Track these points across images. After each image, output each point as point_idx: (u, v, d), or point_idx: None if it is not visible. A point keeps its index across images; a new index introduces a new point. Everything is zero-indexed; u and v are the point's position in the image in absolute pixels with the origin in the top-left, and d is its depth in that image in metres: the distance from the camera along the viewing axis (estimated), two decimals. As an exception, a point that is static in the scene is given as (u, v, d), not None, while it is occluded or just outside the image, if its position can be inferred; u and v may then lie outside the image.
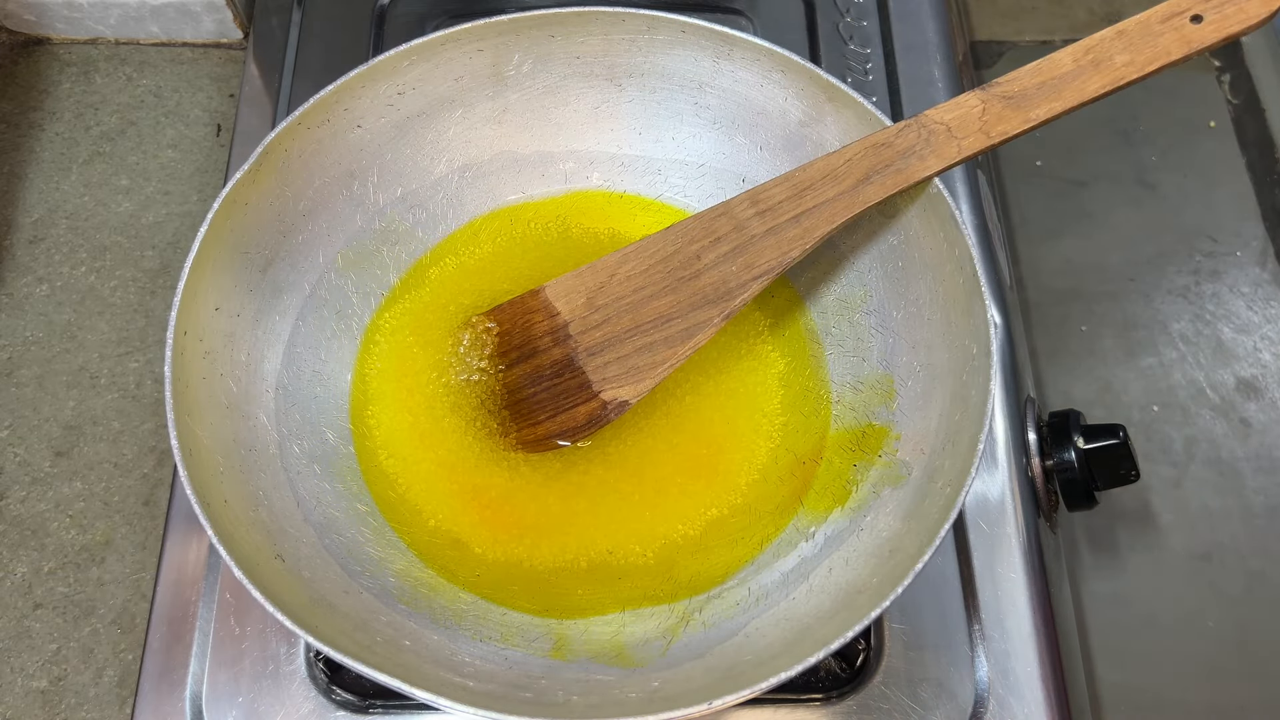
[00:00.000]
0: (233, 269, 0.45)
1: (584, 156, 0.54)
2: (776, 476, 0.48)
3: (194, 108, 0.77)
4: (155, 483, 0.65)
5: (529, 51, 0.50)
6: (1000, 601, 0.50)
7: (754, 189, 0.44)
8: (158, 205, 0.73)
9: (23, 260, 0.71)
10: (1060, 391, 0.69)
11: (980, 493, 0.53)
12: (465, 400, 0.49)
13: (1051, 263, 0.73)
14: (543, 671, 0.42)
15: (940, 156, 0.42)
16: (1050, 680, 0.49)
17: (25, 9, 0.76)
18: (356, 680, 0.49)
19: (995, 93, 0.41)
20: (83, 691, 0.60)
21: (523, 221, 0.54)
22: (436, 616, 0.43)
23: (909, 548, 0.39)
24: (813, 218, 0.43)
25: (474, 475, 0.47)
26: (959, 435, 0.41)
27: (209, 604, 0.50)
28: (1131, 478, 0.53)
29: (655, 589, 0.45)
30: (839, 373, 0.50)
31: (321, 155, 0.48)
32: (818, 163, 0.43)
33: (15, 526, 0.64)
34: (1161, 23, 0.39)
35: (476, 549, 0.46)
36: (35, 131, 0.76)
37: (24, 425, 0.66)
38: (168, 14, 0.77)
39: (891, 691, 0.48)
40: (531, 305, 0.49)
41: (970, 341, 0.43)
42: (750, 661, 0.40)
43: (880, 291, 0.49)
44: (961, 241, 0.43)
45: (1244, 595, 0.63)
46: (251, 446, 0.44)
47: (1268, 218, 0.75)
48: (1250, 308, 0.71)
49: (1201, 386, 0.69)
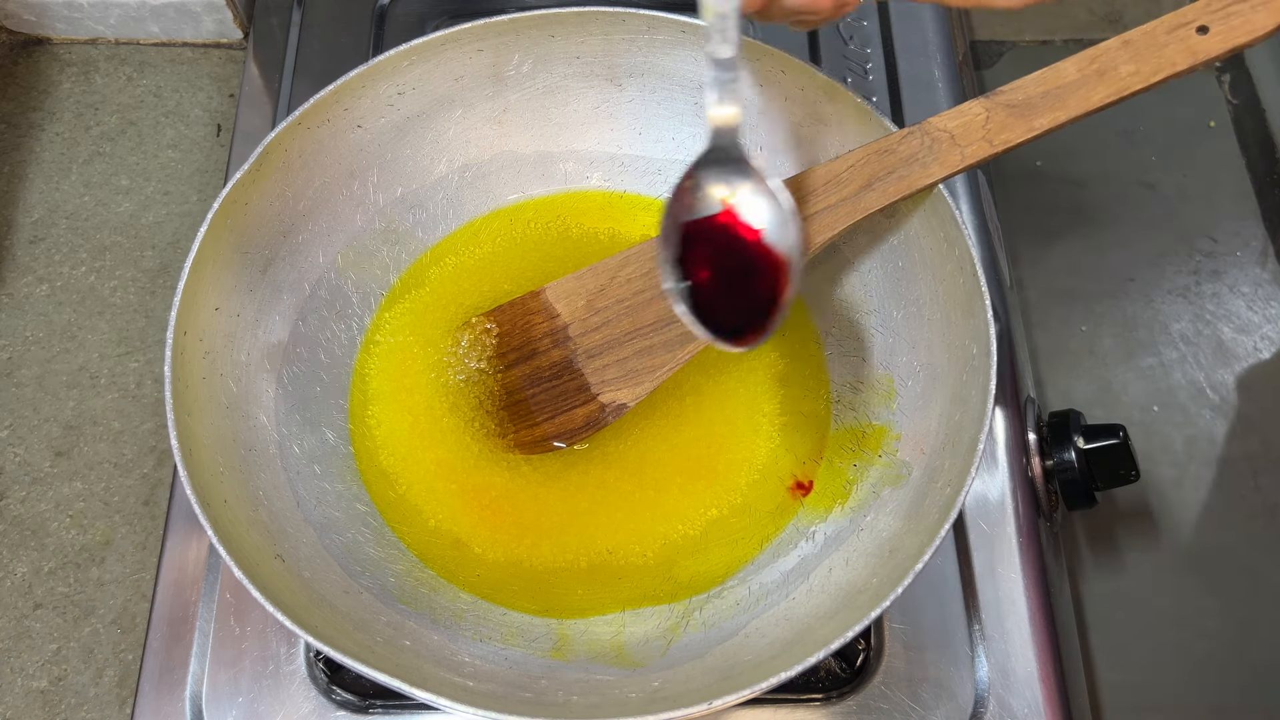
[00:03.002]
0: (233, 269, 0.45)
1: (584, 156, 0.54)
2: (776, 476, 0.48)
3: (194, 108, 0.77)
4: (155, 483, 0.65)
5: (529, 51, 0.50)
6: (1000, 601, 0.50)
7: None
8: (158, 205, 0.73)
9: (23, 260, 0.71)
10: (1060, 391, 0.69)
11: (980, 493, 0.53)
12: (465, 400, 0.49)
13: (1051, 263, 0.73)
14: (543, 671, 0.42)
15: (943, 164, 0.41)
16: (1050, 680, 0.49)
17: (25, 9, 0.76)
18: (356, 680, 0.49)
19: (999, 101, 0.41)
20: (83, 691, 0.60)
21: (522, 221, 0.54)
22: (436, 616, 0.43)
23: (909, 548, 0.39)
24: (814, 224, 0.43)
25: (474, 475, 0.47)
26: (959, 435, 0.41)
27: (209, 604, 0.50)
28: (1131, 478, 0.53)
29: (655, 589, 0.45)
30: (839, 373, 0.50)
31: (321, 155, 0.48)
32: (820, 168, 0.43)
33: (15, 526, 0.64)
34: (1167, 33, 0.39)
35: (476, 549, 0.46)
36: (35, 131, 0.76)
37: (24, 425, 0.66)
38: (168, 14, 0.77)
39: (891, 691, 0.48)
40: (531, 307, 0.49)
41: (970, 341, 0.43)
42: (750, 661, 0.40)
43: (880, 291, 0.49)
44: (961, 241, 0.43)
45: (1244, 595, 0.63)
46: (251, 446, 0.44)
47: (1268, 218, 0.75)
48: (1250, 308, 0.71)
49: (1201, 386, 0.69)
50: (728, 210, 0.39)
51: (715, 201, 0.39)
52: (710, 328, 0.39)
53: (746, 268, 0.39)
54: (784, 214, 0.38)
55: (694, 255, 0.39)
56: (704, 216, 0.39)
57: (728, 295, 0.39)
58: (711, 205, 0.39)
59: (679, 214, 0.39)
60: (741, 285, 0.39)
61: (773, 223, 0.38)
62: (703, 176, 0.39)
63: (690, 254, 0.39)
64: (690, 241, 0.39)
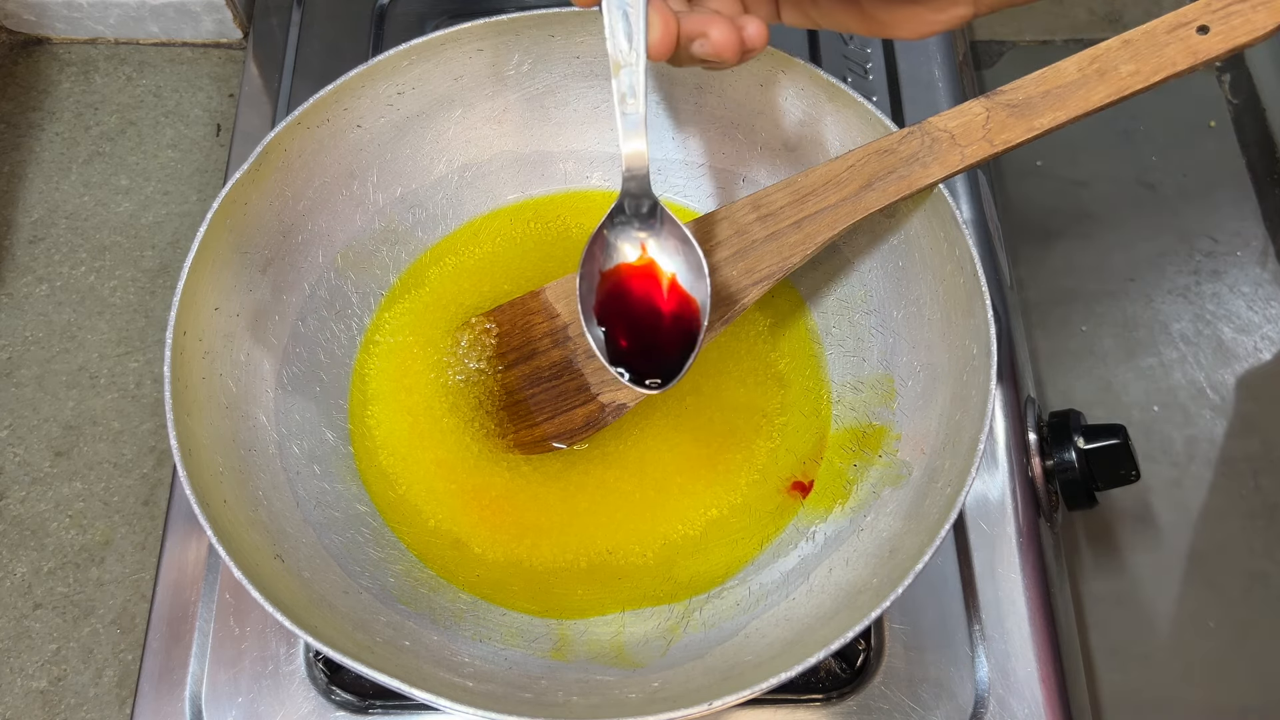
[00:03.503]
0: (232, 269, 0.45)
1: (584, 156, 0.54)
2: (776, 476, 0.48)
3: (194, 108, 0.77)
4: (155, 483, 0.65)
5: (529, 51, 0.50)
6: (1000, 601, 0.50)
7: (756, 194, 0.44)
8: (157, 205, 0.73)
9: (23, 260, 0.71)
10: (1060, 391, 0.69)
11: (980, 493, 0.53)
12: (464, 401, 0.49)
13: (1051, 263, 0.73)
14: (543, 672, 0.42)
15: (943, 164, 0.41)
16: (1050, 680, 0.49)
17: (25, 9, 0.76)
18: (356, 680, 0.49)
19: (999, 101, 0.41)
20: (82, 692, 0.60)
21: (522, 221, 0.54)
22: (436, 616, 0.43)
23: (909, 548, 0.39)
24: (814, 223, 0.43)
25: (474, 475, 0.47)
26: (959, 435, 0.41)
27: (209, 604, 0.50)
28: (1132, 478, 0.53)
29: (655, 589, 0.45)
30: (839, 373, 0.50)
31: (321, 155, 0.48)
32: (820, 168, 0.43)
33: (15, 526, 0.64)
34: (1167, 33, 0.39)
35: (476, 549, 0.46)
36: (35, 131, 0.76)
37: (24, 425, 0.66)
38: (167, 14, 0.76)
39: (891, 691, 0.48)
40: (531, 306, 0.49)
41: (970, 341, 0.42)
42: (750, 662, 0.40)
43: (880, 291, 0.48)
44: (962, 241, 0.42)
45: (1244, 595, 0.63)
46: (251, 446, 0.44)
47: (1268, 218, 0.75)
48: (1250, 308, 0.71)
49: (1202, 386, 0.69)
50: (644, 256, 0.42)
51: (632, 249, 0.42)
52: (632, 370, 0.42)
53: (660, 314, 0.42)
54: (696, 259, 0.41)
55: (612, 303, 0.42)
56: (621, 263, 0.42)
57: (644, 340, 0.42)
58: (628, 253, 0.42)
59: (598, 262, 0.42)
60: (656, 331, 0.42)
61: (683, 268, 0.41)
62: (620, 223, 0.41)
63: (608, 301, 0.42)
64: (608, 288, 0.42)
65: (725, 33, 0.36)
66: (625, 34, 0.36)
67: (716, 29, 0.36)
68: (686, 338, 0.41)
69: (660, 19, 0.35)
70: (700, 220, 0.45)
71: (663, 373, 0.41)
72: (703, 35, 0.36)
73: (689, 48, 0.37)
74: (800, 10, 0.41)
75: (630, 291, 0.42)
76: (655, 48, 0.36)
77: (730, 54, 0.36)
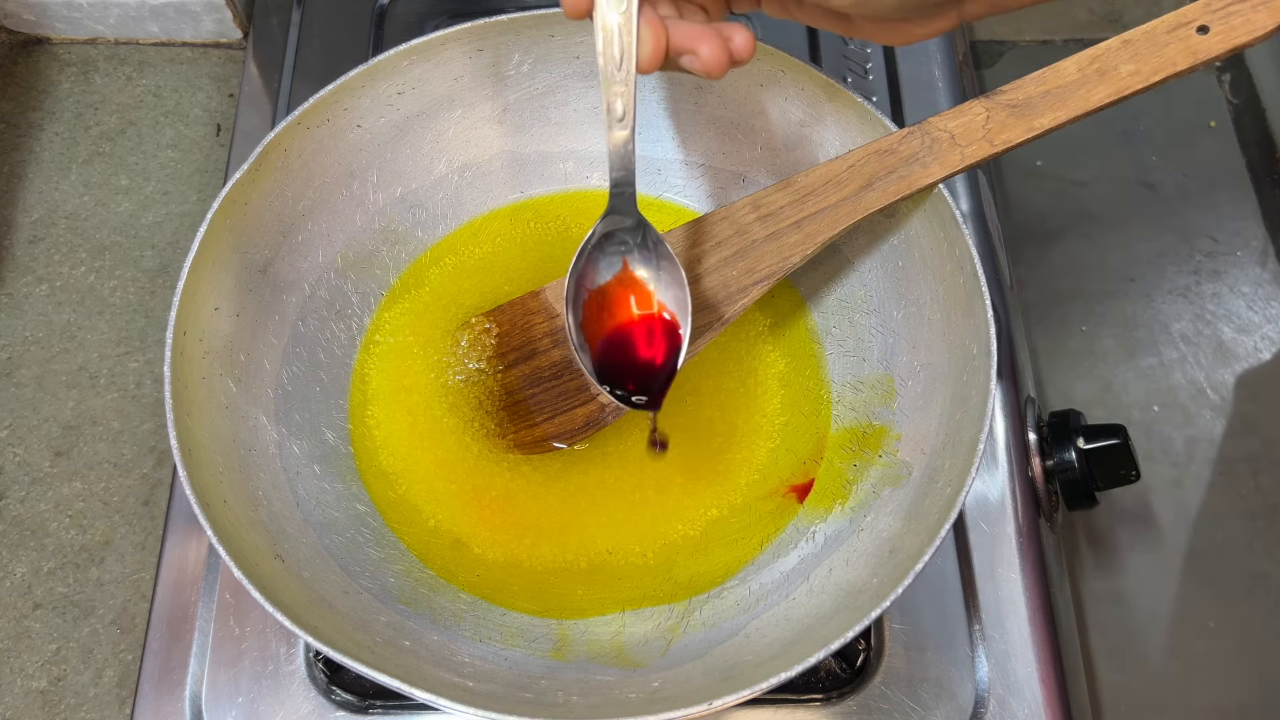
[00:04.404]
0: (232, 269, 0.45)
1: (584, 156, 0.54)
2: (776, 476, 0.48)
3: (194, 108, 0.77)
4: (155, 483, 0.65)
5: (529, 51, 0.50)
6: (1000, 601, 0.50)
7: (756, 194, 0.44)
8: (157, 205, 0.73)
9: (23, 260, 0.71)
10: (1060, 391, 0.69)
11: (980, 493, 0.53)
12: (464, 401, 0.49)
13: (1051, 263, 0.73)
14: (543, 672, 0.42)
15: (943, 164, 0.41)
16: (1050, 680, 0.49)
17: (25, 9, 0.76)
18: (356, 680, 0.49)
19: (999, 101, 0.41)
20: (82, 692, 0.60)
21: (522, 221, 0.54)
22: (436, 616, 0.43)
23: (909, 548, 0.39)
24: (814, 223, 0.43)
25: (474, 475, 0.47)
26: (959, 435, 0.41)
27: (209, 604, 0.50)
28: (1132, 478, 0.53)
29: (655, 589, 0.45)
30: (839, 373, 0.50)
31: (321, 155, 0.48)
32: (820, 168, 0.43)
33: (15, 526, 0.64)
34: (1168, 33, 0.39)
35: (476, 549, 0.46)
36: (35, 131, 0.76)
37: (24, 425, 0.66)
38: (167, 14, 0.76)
39: (891, 691, 0.48)
40: (531, 306, 0.49)
41: (970, 341, 0.42)
42: (750, 662, 0.40)
43: (880, 291, 0.48)
44: (962, 241, 0.42)
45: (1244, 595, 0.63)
46: (251, 446, 0.44)
47: (1268, 218, 0.75)
48: (1250, 308, 0.71)
49: (1202, 386, 0.69)
50: (627, 273, 0.42)
51: (614, 267, 0.42)
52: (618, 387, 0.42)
53: (645, 331, 0.42)
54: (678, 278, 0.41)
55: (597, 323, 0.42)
56: (607, 281, 0.42)
57: (631, 357, 0.43)
58: (610, 272, 0.42)
59: (585, 280, 0.42)
60: (643, 347, 0.42)
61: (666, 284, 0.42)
62: (604, 242, 0.42)
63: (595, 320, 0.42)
64: (594, 307, 0.42)
65: (714, 50, 0.36)
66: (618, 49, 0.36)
67: (706, 46, 0.36)
68: (674, 352, 0.42)
69: (651, 33, 0.36)
70: (700, 220, 0.45)
71: (653, 388, 0.42)
72: (692, 52, 0.36)
73: (678, 61, 0.37)
74: (782, 7, 0.41)
75: (614, 310, 0.42)
76: (645, 63, 0.36)
77: (718, 70, 0.37)
